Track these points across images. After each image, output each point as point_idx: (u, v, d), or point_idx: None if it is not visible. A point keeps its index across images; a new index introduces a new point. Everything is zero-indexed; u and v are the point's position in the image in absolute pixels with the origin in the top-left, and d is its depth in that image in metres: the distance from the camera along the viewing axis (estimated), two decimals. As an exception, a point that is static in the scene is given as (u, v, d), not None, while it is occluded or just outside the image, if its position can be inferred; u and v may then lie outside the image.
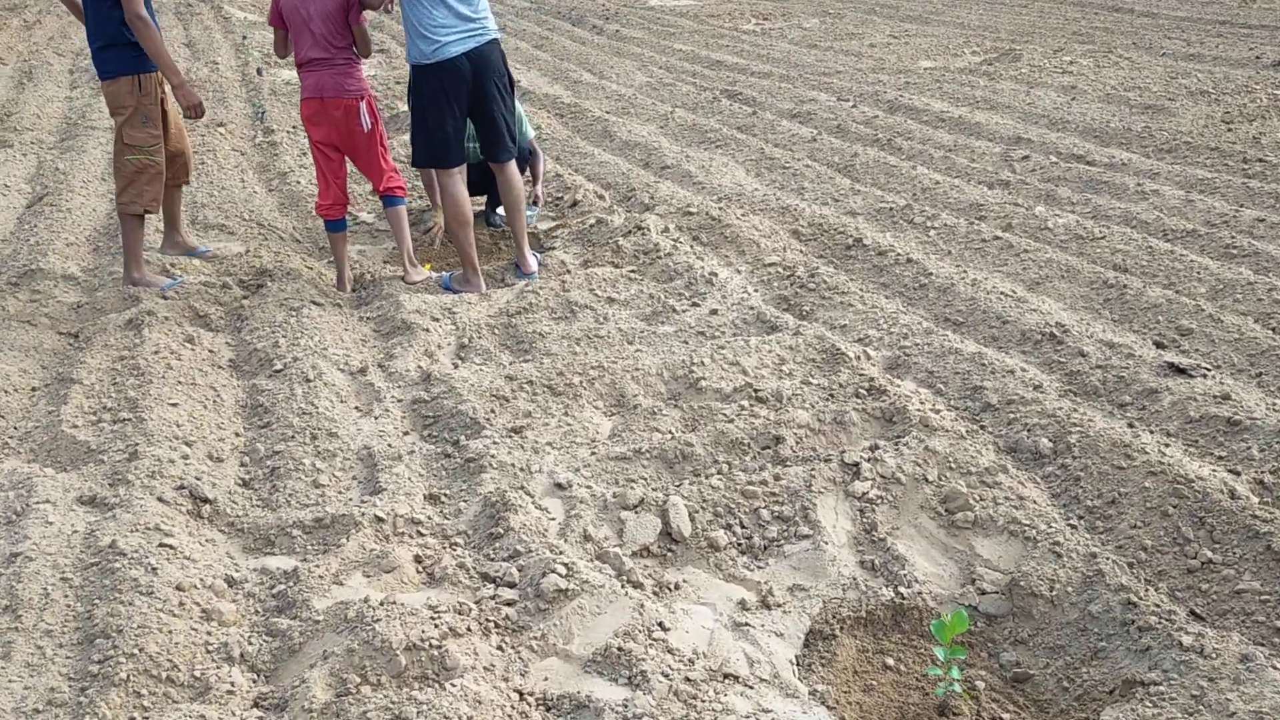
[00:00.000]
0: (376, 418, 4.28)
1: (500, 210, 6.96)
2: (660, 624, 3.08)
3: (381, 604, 3.00)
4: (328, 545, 3.49)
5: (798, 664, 3.13)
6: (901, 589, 3.36)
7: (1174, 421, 4.11)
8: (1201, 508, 3.43)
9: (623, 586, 3.20)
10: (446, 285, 5.82)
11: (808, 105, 10.28)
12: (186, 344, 4.95)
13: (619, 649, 2.93)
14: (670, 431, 4.16)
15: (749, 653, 3.08)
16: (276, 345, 4.90)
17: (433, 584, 3.28)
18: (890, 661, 3.20)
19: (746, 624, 3.19)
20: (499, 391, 4.40)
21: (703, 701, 2.79)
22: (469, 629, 2.97)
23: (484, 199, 7.17)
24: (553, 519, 3.62)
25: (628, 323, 5.17)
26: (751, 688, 2.92)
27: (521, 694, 2.83)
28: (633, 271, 5.88)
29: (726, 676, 2.94)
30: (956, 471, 3.76)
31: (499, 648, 2.97)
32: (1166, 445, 3.86)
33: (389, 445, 4.05)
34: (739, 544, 3.57)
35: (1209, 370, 4.41)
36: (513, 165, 5.89)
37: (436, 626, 2.91)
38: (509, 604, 3.15)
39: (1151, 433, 4.05)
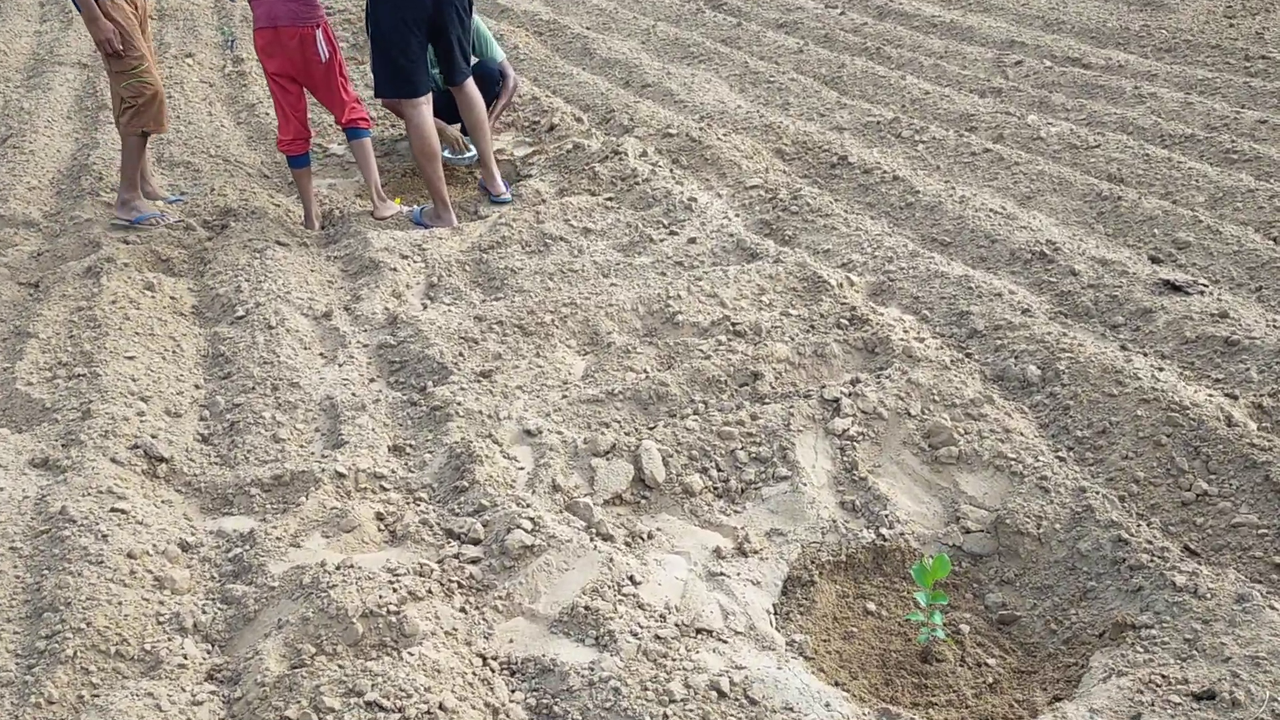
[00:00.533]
0: (340, 365, 4.13)
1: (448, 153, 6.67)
2: (630, 578, 2.96)
3: (338, 568, 2.87)
4: (287, 504, 3.36)
5: (775, 613, 3.01)
6: (883, 530, 3.23)
7: (1169, 343, 3.94)
8: (1197, 436, 3.28)
9: (591, 540, 3.07)
10: (418, 220, 5.62)
11: (794, 14, 9.93)
12: (146, 291, 4.77)
13: (586, 608, 2.81)
14: (645, 371, 4.00)
15: (724, 604, 2.96)
16: (239, 290, 4.73)
17: (394, 543, 3.15)
18: (871, 606, 3.09)
19: (721, 573, 3.07)
20: (468, 333, 4.23)
21: (673, 660, 2.68)
22: (430, 591, 2.84)
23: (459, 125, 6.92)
24: (521, 468, 3.48)
25: (603, 255, 4.98)
26: (725, 642, 2.81)
27: (484, 659, 2.72)
28: (610, 199, 5.67)
29: (699, 631, 2.82)
30: (940, 404, 3.61)
31: (462, 610, 2.85)
32: (1160, 369, 3.70)
33: (353, 394, 3.90)
34: (715, 488, 3.43)
35: (1206, 286, 4.23)
36: (471, 85, 5.68)
37: (395, 591, 2.79)
38: (473, 562, 3.03)
39: (1145, 355, 3.89)
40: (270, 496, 3.41)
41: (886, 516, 3.26)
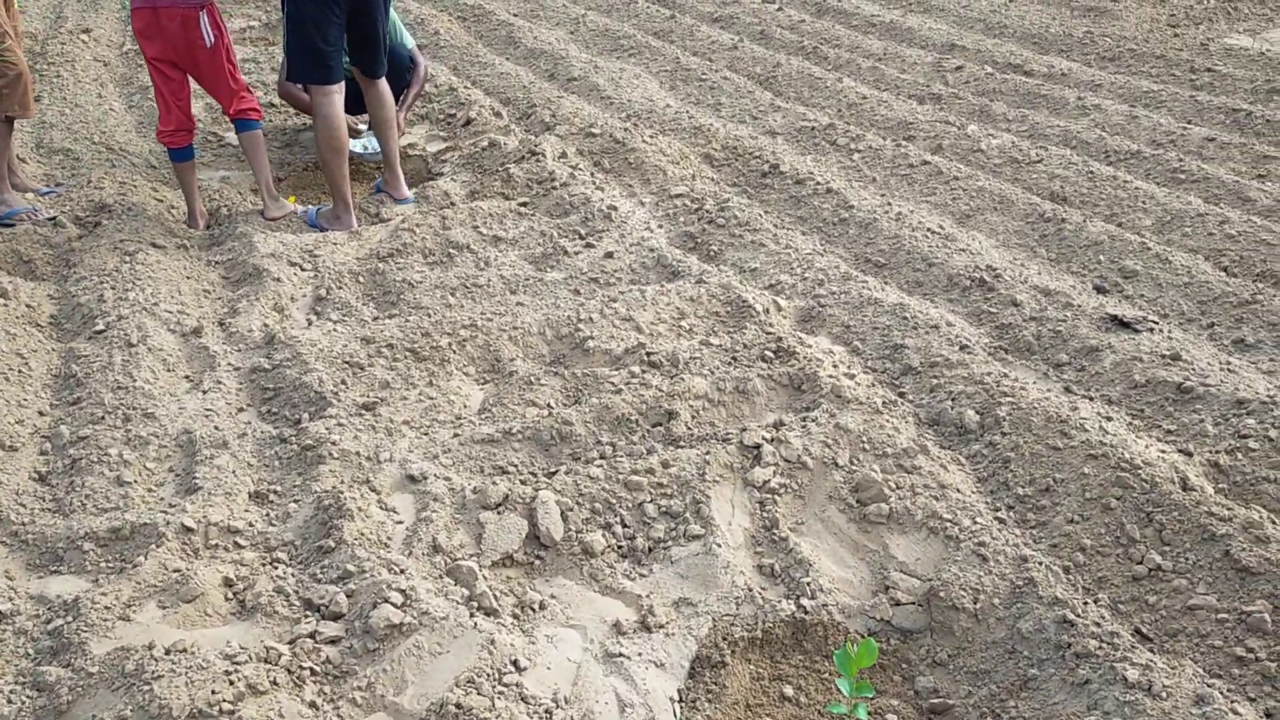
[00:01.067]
0: (205, 392, 3.66)
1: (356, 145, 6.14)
2: (514, 662, 2.57)
3: (168, 653, 2.45)
4: (124, 563, 2.91)
5: (681, 700, 2.64)
6: (804, 600, 2.87)
7: (1117, 386, 3.64)
8: (1149, 501, 2.97)
9: (471, 616, 2.67)
10: (313, 222, 5.15)
11: (730, 8, 9.56)
12: (-2, 299, 4.27)
13: (458, 705, 2.41)
14: (548, 405, 3.60)
15: (621, 692, 2.59)
16: (102, 299, 4.24)
17: (243, 615, 2.72)
18: (789, 691, 2.73)
19: (621, 654, 2.69)
20: (353, 357, 3.80)
21: (556, 771, 2.30)
22: (275, 683, 2.43)
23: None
24: (400, 522, 3.06)
25: (512, 268, 4.56)
26: (620, 742, 2.44)
27: (334, 768, 2.32)
28: (524, 204, 5.26)
29: (590, 730, 2.45)
30: (871, 453, 3.27)
31: (312, 704, 2.44)
32: (1108, 419, 3.39)
33: (215, 428, 3.44)
34: (619, 547, 3.05)
35: (1156, 323, 3.94)
36: (385, 81, 5.24)
37: (232, 683, 2.37)
38: (332, 642, 2.61)
39: (1091, 400, 3.59)
40: (106, 553, 2.96)
41: (808, 584, 2.90)
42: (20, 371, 3.82)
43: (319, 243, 4.88)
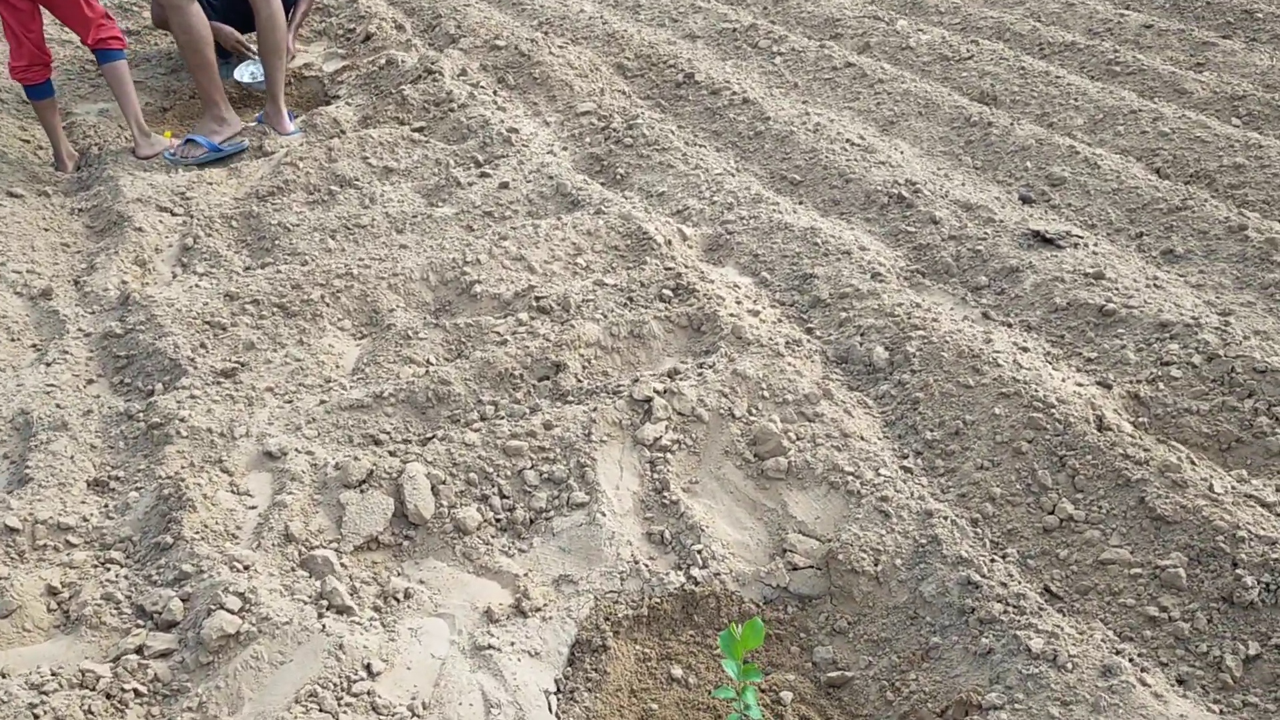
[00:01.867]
0: (49, 364, 3.35)
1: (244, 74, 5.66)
2: (368, 666, 2.34)
3: (-30, 684, 2.20)
4: (-57, 571, 2.64)
5: (558, 691, 2.43)
6: (695, 570, 2.65)
7: (1037, 310, 3.39)
8: (1062, 443, 2.74)
9: (320, 617, 2.43)
10: (212, 147, 4.74)
11: (655, -101, 9.02)
12: None
13: (295, 724, 2.18)
14: (426, 362, 3.32)
15: (489, 690, 2.36)
16: (-52, 261, 3.89)
17: (67, 628, 2.47)
18: (677, 671, 2.52)
19: (490, 646, 2.46)
20: (214, 317, 3.48)
21: (405, 793, 2.09)
22: (90, 712, 2.19)
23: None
24: (253, 507, 2.80)
25: (400, 204, 4.23)
26: (483, 750, 2.22)
27: (157, 805, 2.09)
28: (419, 129, 4.90)
29: (449, 740, 2.23)
30: (770, 401, 3.02)
31: (136, 731, 2.21)
32: (1024, 349, 3.15)
33: (55, 406, 3.14)
34: (497, 519, 2.81)
35: (1080, 237, 3.68)
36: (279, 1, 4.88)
37: (37, 718, 2.13)
38: (162, 656, 2.36)
39: (1009, 326, 3.34)
40: (-76, 561, 2.68)
41: (700, 552, 2.68)
42: None
43: (193, 183, 4.51)
